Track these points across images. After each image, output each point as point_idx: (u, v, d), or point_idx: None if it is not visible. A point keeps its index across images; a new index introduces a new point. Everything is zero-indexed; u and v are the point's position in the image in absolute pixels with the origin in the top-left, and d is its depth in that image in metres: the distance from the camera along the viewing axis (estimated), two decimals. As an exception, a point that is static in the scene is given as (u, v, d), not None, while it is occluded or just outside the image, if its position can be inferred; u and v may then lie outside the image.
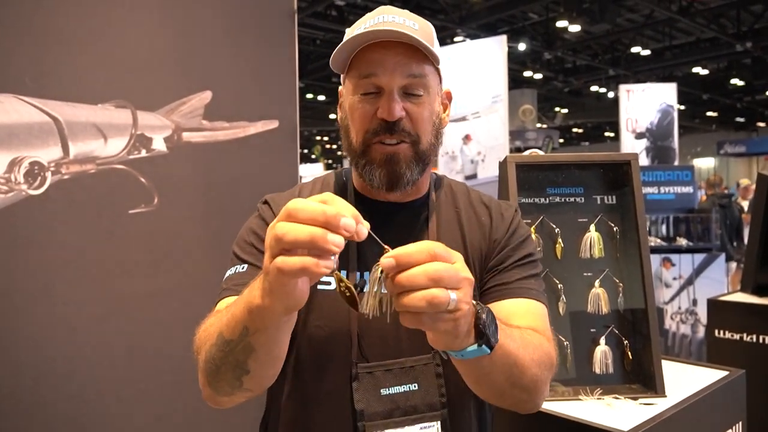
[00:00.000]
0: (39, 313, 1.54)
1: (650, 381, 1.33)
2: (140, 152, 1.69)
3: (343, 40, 0.93)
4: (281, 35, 1.99)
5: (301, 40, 10.88)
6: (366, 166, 0.92)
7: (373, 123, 0.90)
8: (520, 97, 13.63)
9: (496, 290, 0.94)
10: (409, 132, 0.91)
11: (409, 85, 0.90)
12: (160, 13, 1.75)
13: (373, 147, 0.91)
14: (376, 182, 0.92)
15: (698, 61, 13.88)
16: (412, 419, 0.88)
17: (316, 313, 0.92)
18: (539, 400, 0.86)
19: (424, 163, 0.94)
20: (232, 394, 0.80)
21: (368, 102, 0.91)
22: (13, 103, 1.50)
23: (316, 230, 0.57)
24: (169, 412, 1.70)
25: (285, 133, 1.96)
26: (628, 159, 1.46)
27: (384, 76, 0.89)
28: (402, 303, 0.59)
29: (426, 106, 0.93)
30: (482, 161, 6.32)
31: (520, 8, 10.57)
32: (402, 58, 0.89)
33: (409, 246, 0.60)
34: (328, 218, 0.57)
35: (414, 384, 0.89)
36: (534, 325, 0.88)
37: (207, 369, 0.78)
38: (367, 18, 0.93)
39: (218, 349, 0.75)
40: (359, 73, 0.90)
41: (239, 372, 0.75)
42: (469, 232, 0.99)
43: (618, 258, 1.44)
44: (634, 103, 9.16)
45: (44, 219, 1.54)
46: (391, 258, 0.59)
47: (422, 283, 0.59)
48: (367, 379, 0.89)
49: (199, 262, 1.74)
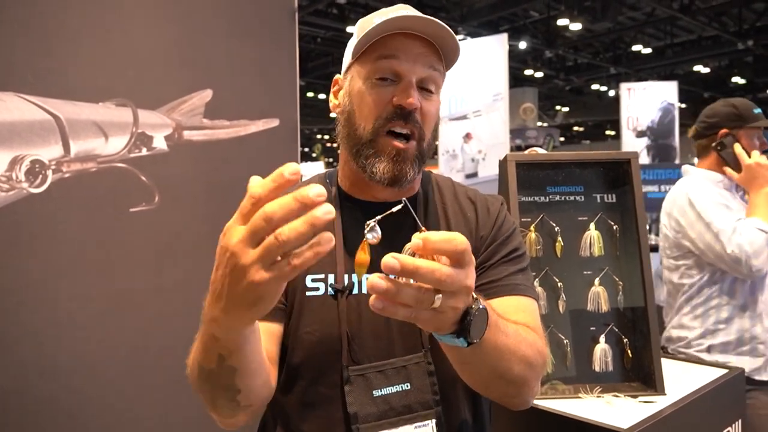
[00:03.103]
0: (41, 311, 1.54)
1: (650, 379, 1.34)
2: (141, 151, 1.69)
3: (360, 29, 0.91)
4: (282, 33, 1.99)
5: (302, 38, 10.90)
6: (371, 157, 0.90)
7: (387, 109, 0.89)
8: (521, 95, 13.61)
9: (486, 288, 0.93)
10: (420, 125, 0.90)
11: (427, 78, 0.90)
12: (161, 11, 1.76)
13: (384, 138, 0.89)
14: (378, 176, 0.90)
15: (699, 60, 13.84)
16: (407, 419, 0.88)
17: (306, 318, 0.91)
18: (528, 397, 0.85)
19: (422, 162, 0.94)
20: (236, 415, 0.80)
21: (383, 88, 0.89)
22: (15, 101, 1.50)
23: (300, 224, 0.51)
24: (171, 410, 1.71)
25: (286, 132, 1.96)
26: (628, 157, 1.46)
27: (406, 63, 0.88)
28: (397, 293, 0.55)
29: (434, 104, 0.93)
30: (483, 159, 6.31)
31: (521, 6, 10.55)
32: (425, 50, 0.89)
33: (446, 235, 0.56)
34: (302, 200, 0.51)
35: (406, 383, 0.89)
36: (525, 321, 0.87)
37: (205, 399, 0.79)
38: (388, 11, 0.92)
39: (205, 381, 0.75)
40: (379, 54, 0.88)
41: (231, 393, 0.75)
42: (455, 228, 0.98)
43: (618, 256, 1.44)
44: (635, 101, 9.14)
45: (45, 217, 1.54)
46: (419, 240, 0.56)
47: (427, 279, 0.56)
48: (359, 382, 0.88)
49: (200, 260, 1.73)
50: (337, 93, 0.99)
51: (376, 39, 0.88)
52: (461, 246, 0.57)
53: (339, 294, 0.92)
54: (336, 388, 0.89)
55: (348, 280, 0.93)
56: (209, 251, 0.64)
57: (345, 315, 0.91)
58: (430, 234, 0.56)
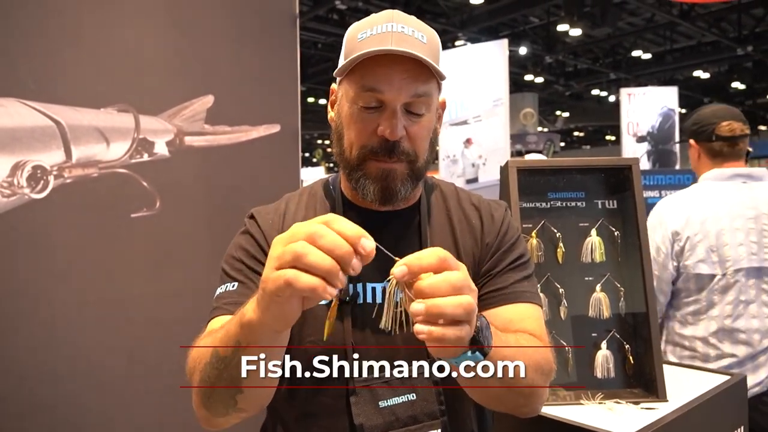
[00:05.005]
0: (41, 316, 1.54)
1: (652, 385, 1.33)
2: (142, 156, 1.70)
3: (346, 42, 0.91)
4: (283, 39, 1.99)
5: (303, 44, 10.93)
6: (361, 179, 0.90)
7: (372, 140, 0.88)
8: (521, 100, 13.63)
9: (492, 296, 0.93)
10: (407, 152, 0.89)
11: (412, 103, 0.87)
12: (163, 17, 1.76)
13: (370, 162, 0.89)
14: (369, 196, 0.91)
15: (699, 65, 13.87)
16: (413, 429, 0.88)
17: (310, 327, 0.91)
18: (537, 405, 0.86)
19: (419, 179, 0.93)
20: (227, 414, 0.79)
21: (368, 115, 0.88)
22: (17, 107, 1.50)
23: (334, 265, 0.58)
24: (169, 415, 1.70)
25: (286, 137, 1.97)
26: (629, 163, 1.46)
27: (389, 93, 0.85)
28: (435, 311, 0.60)
29: (425, 125, 0.91)
30: (483, 165, 6.31)
31: (521, 12, 10.59)
32: (408, 77, 0.85)
33: (419, 253, 0.61)
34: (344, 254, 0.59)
35: (412, 394, 0.89)
36: (531, 329, 0.88)
37: (201, 389, 0.78)
38: (375, 22, 0.89)
39: (213, 367, 0.74)
40: (363, 85, 0.87)
41: (234, 390, 0.74)
42: (461, 236, 0.98)
43: (619, 262, 1.44)
44: (635, 106, 9.15)
45: (47, 223, 1.54)
46: (403, 266, 0.60)
47: (446, 291, 0.60)
48: (364, 393, 0.88)
49: (201, 265, 1.74)
50: (333, 104, 0.98)
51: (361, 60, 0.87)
52: (443, 253, 0.62)
53: (344, 304, 0.91)
54: (341, 399, 0.89)
55: (353, 290, 0.92)
56: (210, 257, 0.65)
57: (350, 325, 0.90)
58: (408, 257, 0.61)
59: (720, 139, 1.93)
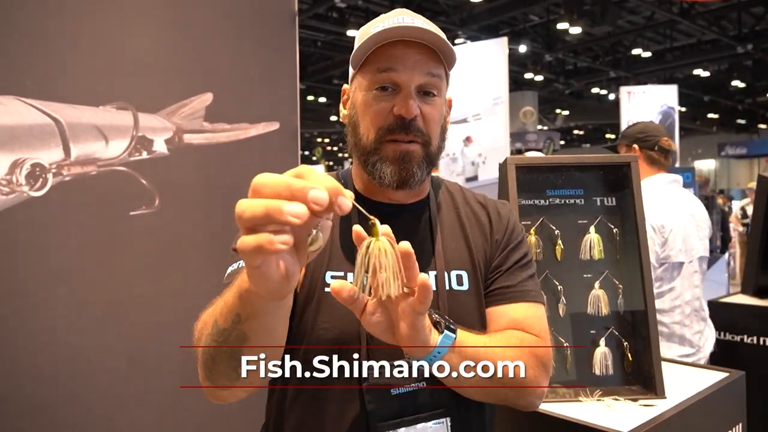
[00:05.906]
0: (40, 315, 1.54)
1: (650, 382, 1.34)
2: (141, 154, 1.69)
3: (359, 38, 0.93)
4: (282, 37, 1.99)
5: (302, 42, 10.92)
6: (377, 163, 0.92)
7: (388, 120, 0.91)
8: (521, 99, 13.62)
9: (500, 293, 0.96)
10: (422, 131, 0.92)
11: (426, 83, 0.91)
12: (161, 15, 1.76)
13: (387, 144, 0.92)
14: (387, 180, 0.92)
15: (699, 63, 13.87)
16: (424, 417, 0.89)
17: (324, 315, 0.92)
18: (534, 398, 0.89)
19: (432, 165, 0.95)
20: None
21: (384, 98, 0.91)
22: (15, 105, 1.50)
23: (271, 202, 0.51)
24: (170, 415, 1.70)
25: (286, 135, 1.97)
26: (628, 161, 1.47)
27: (404, 73, 0.90)
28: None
29: (438, 108, 0.94)
30: (483, 163, 6.31)
31: (521, 10, 10.58)
32: (422, 57, 0.90)
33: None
34: (293, 191, 0.51)
35: (422, 382, 0.90)
36: (531, 326, 0.91)
37: (204, 360, 0.78)
38: (385, 18, 0.94)
39: (213, 339, 0.74)
40: (377, 68, 0.91)
41: (235, 363, 0.73)
42: (471, 232, 1.00)
43: (618, 259, 1.44)
44: (635, 105, 9.15)
45: (45, 221, 1.54)
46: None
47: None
48: (377, 380, 0.89)
49: (201, 263, 1.74)
50: (346, 103, 1.01)
51: (375, 48, 0.90)
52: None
53: None
54: (353, 385, 0.90)
55: None
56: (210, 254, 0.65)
57: None
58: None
59: (661, 150, 2.25)
